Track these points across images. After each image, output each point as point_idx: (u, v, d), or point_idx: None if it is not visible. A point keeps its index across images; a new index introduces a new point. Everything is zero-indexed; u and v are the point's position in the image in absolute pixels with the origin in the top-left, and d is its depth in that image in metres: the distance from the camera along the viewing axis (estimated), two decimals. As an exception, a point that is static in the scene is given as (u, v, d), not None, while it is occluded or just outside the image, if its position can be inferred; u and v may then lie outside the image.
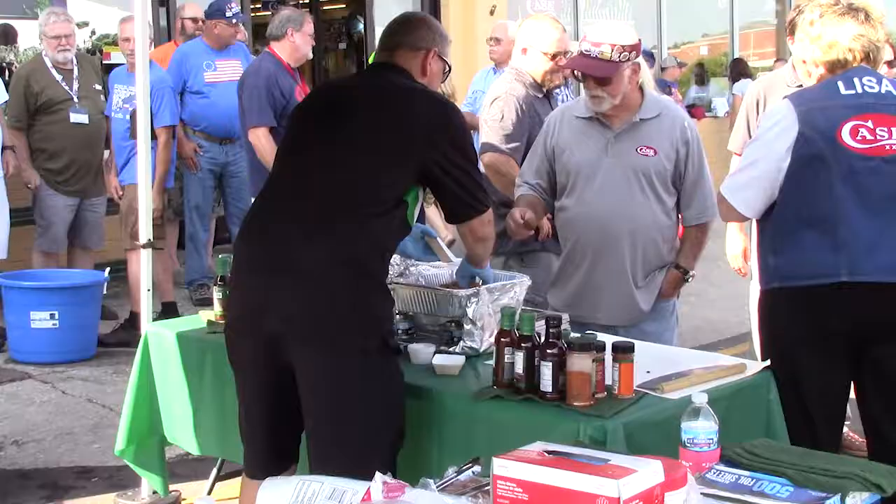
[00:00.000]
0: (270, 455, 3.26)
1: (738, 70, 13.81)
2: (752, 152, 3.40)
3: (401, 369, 3.15)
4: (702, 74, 14.48)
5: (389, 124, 3.16)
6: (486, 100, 4.90)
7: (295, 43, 6.50)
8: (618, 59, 3.81)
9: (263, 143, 6.09)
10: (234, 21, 7.74)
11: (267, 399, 3.19)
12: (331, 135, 3.19)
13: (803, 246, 3.26)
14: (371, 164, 3.12)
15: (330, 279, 3.01)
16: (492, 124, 4.68)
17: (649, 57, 6.19)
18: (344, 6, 12.99)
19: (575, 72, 4.02)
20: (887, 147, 3.21)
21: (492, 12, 11.26)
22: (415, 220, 3.23)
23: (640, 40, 3.93)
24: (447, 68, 3.39)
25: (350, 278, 3.02)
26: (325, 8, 12.49)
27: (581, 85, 4.06)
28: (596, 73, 3.85)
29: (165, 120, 6.83)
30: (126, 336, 6.64)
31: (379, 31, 11.73)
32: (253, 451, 3.30)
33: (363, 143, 3.14)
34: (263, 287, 3.08)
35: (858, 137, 3.21)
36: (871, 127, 3.21)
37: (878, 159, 3.21)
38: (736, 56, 14.81)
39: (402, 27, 3.37)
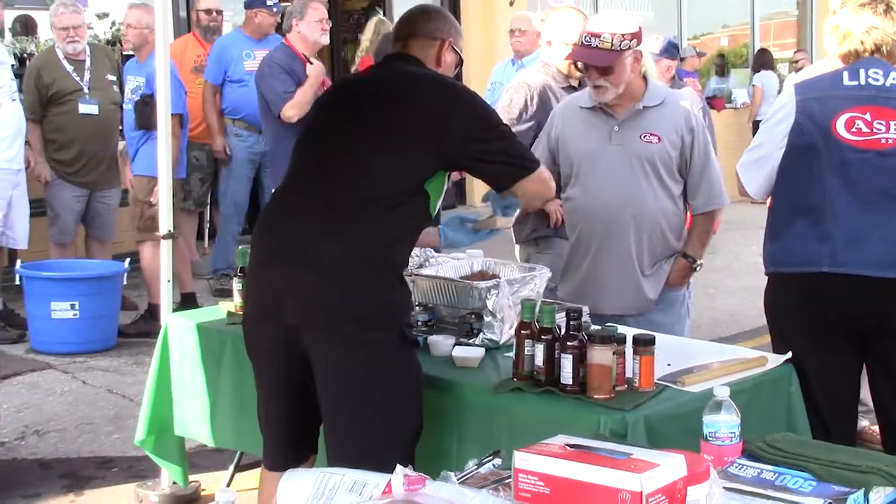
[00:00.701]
0: (289, 446, 3.26)
1: (762, 61, 13.71)
2: (759, 135, 3.46)
3: (419, 362, 3.14)
4: (722, 65, 14.40)
5: (400, 112, 3.15)
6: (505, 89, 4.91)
7: (301, 33, 6.51)
8: (619, 48, 3.79)
9: (295, 103, 6.16)
10: (274, 10, 7.71)
11: (285, 391, 3.20)
12: (345, 128, 3.19)
13: (794, 234, 3.29)
14: (386, 154, 3.11)
15: (347, 271, 3.01)
16: (500, 110, 4.67)
17: (674, 49, 6.12)
18: (363, -3, 12.99)
19: (577, 63, 4.01)
20: (883, 140, 3.19)
21: (511, 3, 11.21)
22: (437, 210, 3.21)
23: (640, 28, 3.91)
24: (460, 61, 3.39)
25: (367, 270, 3.02)
26: (344, -1, 12.48)
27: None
28: (597, 62, 3.83)
29: (174, 108, 6.74)
30: (146, 326, 6.66)
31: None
32: (272, 443, 3.31)
33: (377, 134, 3.14)
34: (280, 279, 3.09)
35: (853, 129, 3.20)
36: (869, 119, 3.20)
37: (871, 152, 3.19)
38: (758, 47, 14.72)
39: (419, 17, 3.37)
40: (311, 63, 6.55)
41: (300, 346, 3.07)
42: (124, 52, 8.34)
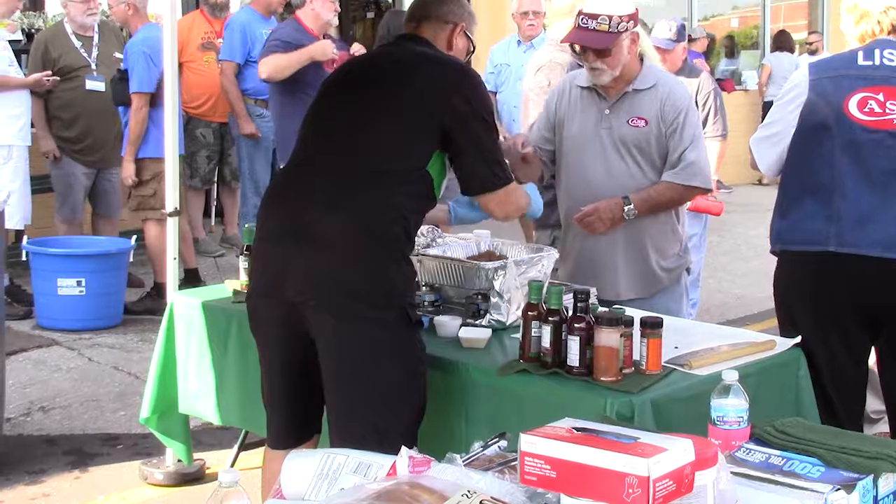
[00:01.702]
0: (293, 425, 3.26)
1: (780, 42, 13.58)
2: (773, 112, 3.45)
3: (422, 342, 3.13)
4: (731, 47, 14.32)
5: (405, 90, 3.14)
6: (529, 70, 4.84)
7: (315, 10, 6.49)
8: (616, 30, 3.74)
9: (272, 61, 6.29)
10: None
11: (288, 369, 3.19)
12: (351, 106, 3.18)
13: (802, 212, 3.29)
14: (390, 132, 3.10)
15: (350, 249, 3.00)
16: (538, 92, 4.61)
17: (684, 30, 6.04)
18: (372, -24, 12.93)
19: (574, 46, 3.94)
20: (895, 121, 3.16)
21: (521, -18, 11.12)
22: (441, 193, 3.20)
23: (636, 9, 3.85)
24: (472, 47, 3.37)
25: (370, 248, 3.01)
26: (353, -23, 12.42)
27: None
28: (594, 44, 3.76)
29: (134, 86, 6.63)
30: (152, 304, 6.67)
31: (407, 1, 11.68)
32: (275, 422, 3.31)
33: (382, 112, 3.13)
34: (284, 256, 3.08)
35: (866, 109, 3.18)
36: (882, 100, 3.18)
37: (883, 132, 3.17)
38: (769, 28, 14.62)
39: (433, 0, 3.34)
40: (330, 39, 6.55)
41: (303, 323, 3.06)
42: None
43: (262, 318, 3.21)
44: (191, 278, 6.94)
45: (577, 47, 3.89)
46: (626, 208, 3.81)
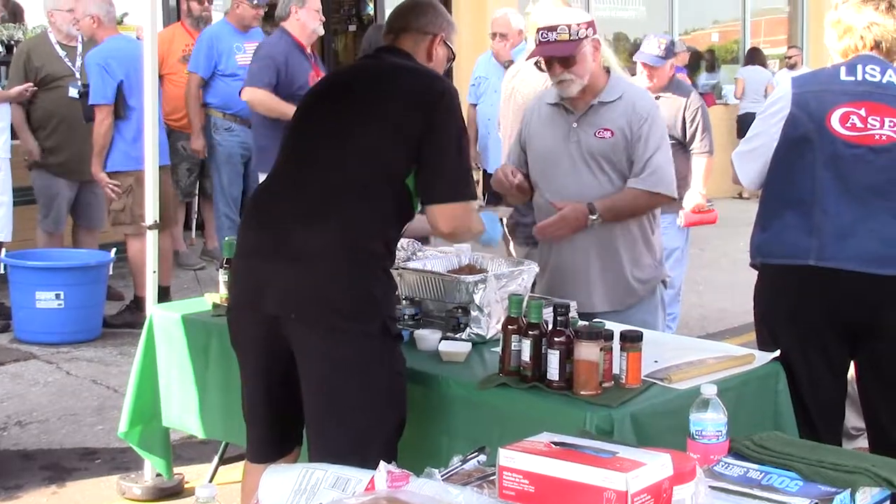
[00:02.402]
0: (272, 439, 3.25)
1: (752, 58, 13.75)
2: (755, 126, 3.45)
3: (403, 356, 3.12)
4: (712, 61, 14.42)
5: (382, 103, 3.15)
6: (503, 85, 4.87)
7: (301, 20, 6.49)
8: (577, 37, 3.77)
9: (259, 96, 6.21)
10: (255, 3, 7.65)
11: (267, 382, 3.18)
12: (331, 119, 3.18)
13: (783, 225, 3.29)
14: (369, 145, 3.10)
15: (330, 263, 3.00)
16: (505, 102, 4.65)
17: (673, 46, 6.02)
18: (354, -11, 12.96)
19: (538, 63, 3.95)
20: (877, 136, 3.19)
21: (504, -6, 11.17)
22: (419, 206, 3.19)
23: (593, 19, 3.89)
24: (452, 55, 3.38)
25: (349, 262, 3.01)
26: (334, -10, 12.45)
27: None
28: (558, 53, 3.78)
29: (92, 99, 6.57)
30: (131, 317, 6.63)
31: (388, 14, 11.69)
32: (255, 435, 3.29)
33: (360, 125, 3.13)
34: (263, 270, 3.08)
35: (848, 124, 3.20)
36: (864, 115, 3.20)
37: (864, 147, 3.19)
38: (749, 43, 14.74)
39: (411, 10, 3.35)
40: (309, 52, 6.53)
41: (283, 336, 3.05)
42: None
43: (241, 331, 3.20)
44: (162, 296, 6.89)
45: (543, 62, 3.90)
46: (590, 218, 3.82)
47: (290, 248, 3.03)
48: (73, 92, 6.92)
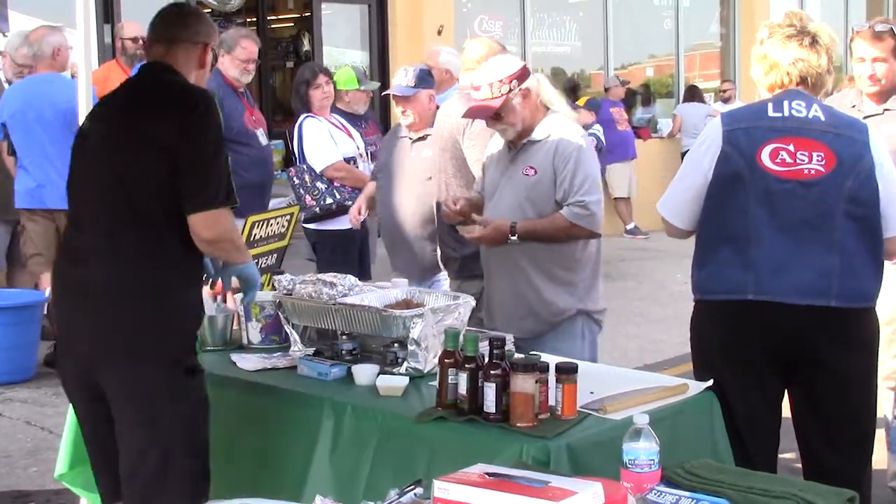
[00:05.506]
0: (114, 480, 3.22)
1: (691, 95, 14.01)
2: (683, 167, 3.48)
3: (202, 392, 3.15)
4: (647, 95, 14.62)
5: (141, 128, 3.12)
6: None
7: (224, 66, 6.41)
8: (500, 94, 3.93)
9: None
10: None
11: (93, 423, 3.22)
12: (100, 151, 3.18)
13: (720, 262, 3.32)
14: (136, 171, 3.08)
15: (115, 297, 3.04)
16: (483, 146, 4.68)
17: (425, 78, 5.68)
18: (291, 25, 12.97)
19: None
20: (805, 171, 3.25)
21: (439, 32, 11.27)
22: None
23: (522, 66, 4.03)
24: (215, 58, 3.42)
25: (136, 295, 3.04)
26: (273, 27, 12.44)
27: None
28: (481, 115, 4.05)
29: None
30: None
31: (326, 50, 11.72)
32: (100, 478, 3.31)
33: (124, 152, 3.11)
34: (68, 309, 3.14)
35: (778, 160, 3.25)
36: (792, 150, 3.25)
37: (794, 182, 3.25)
38: (683, 76, 14.99)
39: (181, 20, 3.34)
40: (242, 90, 6.47)
41: (93, 376, 3.09)
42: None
43: (63, 374, 3.25)
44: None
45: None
46: (510, 238, 3.98)
47: (84, 286, 3.08)
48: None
